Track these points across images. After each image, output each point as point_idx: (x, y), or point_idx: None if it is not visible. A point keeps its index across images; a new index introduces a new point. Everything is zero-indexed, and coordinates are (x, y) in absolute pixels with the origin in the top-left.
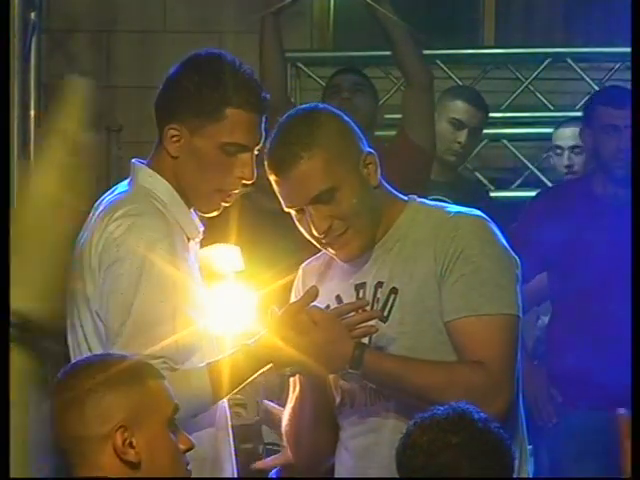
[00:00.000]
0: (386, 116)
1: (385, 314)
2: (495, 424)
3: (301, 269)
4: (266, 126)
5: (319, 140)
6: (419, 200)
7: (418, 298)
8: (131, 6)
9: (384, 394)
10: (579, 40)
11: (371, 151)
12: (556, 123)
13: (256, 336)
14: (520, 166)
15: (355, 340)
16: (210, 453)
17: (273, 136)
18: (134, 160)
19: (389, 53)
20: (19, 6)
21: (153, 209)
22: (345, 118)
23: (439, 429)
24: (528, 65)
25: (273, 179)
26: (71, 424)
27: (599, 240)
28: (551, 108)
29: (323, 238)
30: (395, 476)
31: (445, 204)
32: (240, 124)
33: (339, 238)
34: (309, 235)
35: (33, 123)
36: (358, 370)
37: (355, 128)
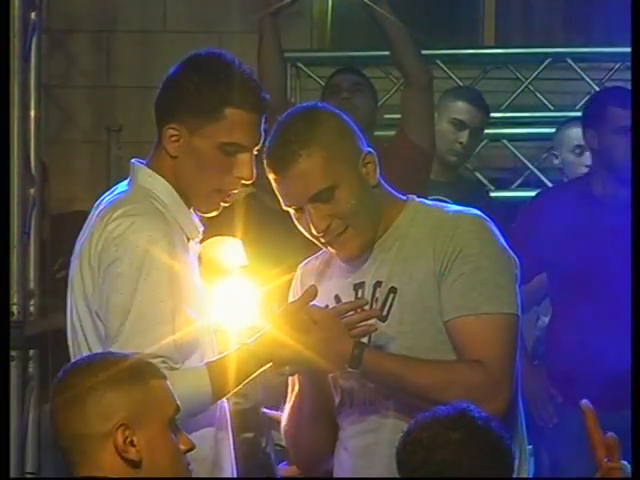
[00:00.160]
0: (386, 116)
1: (384, 313)
2: (496, 423)
3: (299, 269)
4: (265, 127)
5: (318, 138)
6: (418, 200)
7: (417, 297)
8: (131, 6)
9: (383, 393)
10: (579, 40)
11: (370, 150)
12: (556, 123)
13: (259, 332)
14: (520, 166)
15: (354, 339)
16: (210, 453)
17: (272, 134)
18: (134, 160)
19: (389, 53)
20: (19, 6)
21: (152, 209)
22: (344, 117)
23: (439, 426)
24: (528, 65)
25: (272, 177)
26: (72, 422)
27: (599, 240)
28: (551, 108)
29: (322, 237)
30: (394, 475)
31: (444, 204)
32: (239, 124)
33: (338, 237)
34: (308, 234)
35: (33, 123)
36: (357, 369)
37: (354, 127)
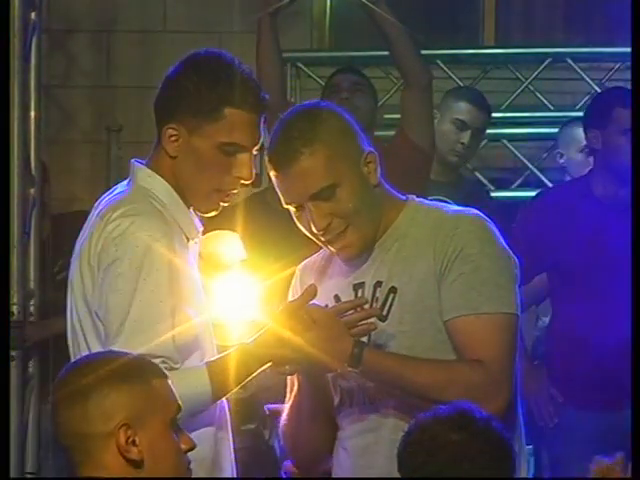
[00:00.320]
0: (386, 116)
1: (384, 313)
2: (497, 423)
3: (299, 268)
4: (264, 127)
5: (321, 136)
6: (418, 200)
7: (417, 297)
8: (131, 6)
9: (383, 393)
10: (579, 40)
11: (372, 150)
12: (556, 123)
13: (259, 326)
14: (520, 166)
15: (354, 338)
16: (210, 453)
17: (275, 132)
18: (133, 160)
19: (388, 53)
20: (19, 6)
21: (152, 209)
22: (347, 116)
23: (440, 427)
24: (528, 65)
25: (273, 174)
26: (74, 421)
27: (599, 240)
28: (551, 108)
29: (322, 235)
30: (394, 475)
31: (444, 204)
32: (239, 124)
33: (339, 237)
34: (308, 232)
35: (33, 123)
36: (357, 368)
37: (356, 126)
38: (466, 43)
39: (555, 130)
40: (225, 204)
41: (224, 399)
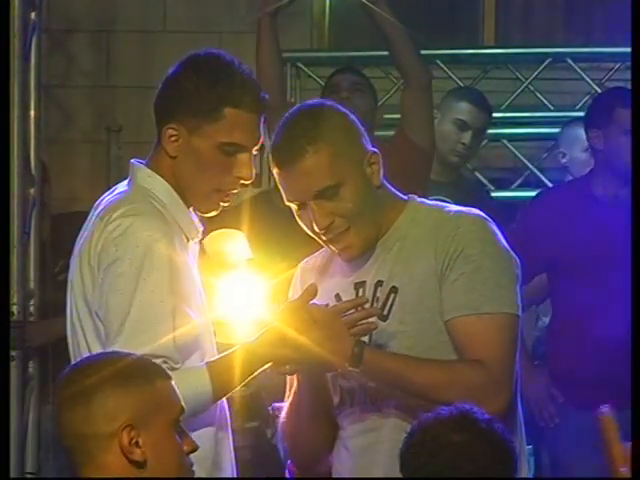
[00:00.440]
0: (386, 116)
1: (385, 313)
2: (499, 424)
3: (300, 266)
4: (264, 127)
5: (325, 135)
6: (419, 200)
7: (418, 297)
8: (131, 6)
9: (384, 392)
10: (579, 40)
11: (375, 151)
12: (556, 123)
13: (264, 326)
14: (520, 166)
15: (355, 338)
16: (210, 453)
17: (279, 129)
18: (133, 160)
19: (388, 53)
20: (19, 6)
21: (152, 209)
22: (351, 116)
23: (442, 428)
24: (528, 65)
25: (277, 172)
26: (77, 422)
27: (599, 240)
28: (551, 108)
29: (324, 234)
30: (395, 475)
31: (444, 204)
32: (239, 124)
33: (340, 237)
34: (310, 230)
35: (33, 123)
36: (357, 368)
37: (360, 126)
38: (466, 43)
39: (555, 130)
40: (225, 204)
41: (224, 399)
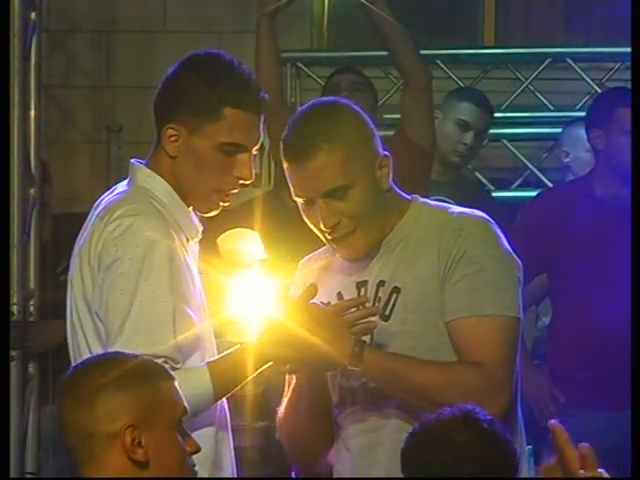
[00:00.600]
0: (386, 116)
1: (387, 313)
2: (501, 425)
3: (301, 263)
4: (264, 127)
5: (341, 135)
6: (422, 200)
7: (421, 298)
8: (131, 6)
9: (386, 393)
10: (579, 40)
11: (387, 154)
12: (556, 123)
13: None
14: (520, 166)
15: (355, 337)
16: (210, 454)
17: (292, 123)
18: (133, 160)
19: (388, 53)
20: (19, 6)
21: (152, 209)
22: (365, 117)
23: (444, 428)
24: (528, 65)
25: (287, 166)
26: (80, 421)
27: (600, 240)
28: (551, 108)
29: (329, 233)
30: (396, 476)
31: (448, 205)
32: (238, 124)
33: (345, 237)
34: (315, 227)
35: (33, 123)
36: (357, 367)
37: (374, 128)
38: (466, 43)
39: (555, 130)
40: (225, 204)
41: (224, 399)
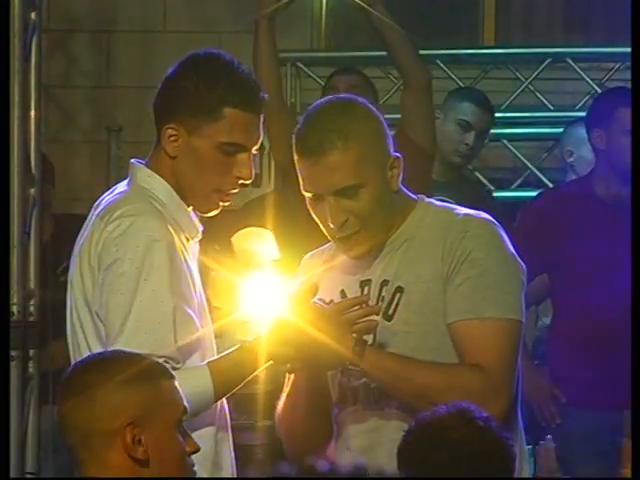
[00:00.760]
0: (386, 116)
1: (390, 313)
2: (496, 423)
3: (305, 259)
4: (264, 127)
5: (357, 133)
6: (427, 200)
7: (424, 298)
8: (131, 6)
9: (387, 393)
10: (579, 40)
11: (398, 155)
12: (556, 123)
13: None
14: (520, 166)
15: (356, 336)
16: (210, 454)
17: (307, 118)
18: (133, 160)
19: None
20: (19, 6)
21: (152, 209)
22: (381, 117)
23: (439, 425)
24: (528, 65)
25: (299, 160)
26: (81, 418)
27: (601, 240)
28: (551, 108)
29: (336, 231)
30: (397, 475)
31: (454, 206)
32: (238, 124)
33: (351, 236)
34: (321, 223)
35: (33, 123)
36: (358, 366)
37: (387, 128)
38: (466, 43)
39: (555, 130)
40: (225, 204)
41: (224, 399)
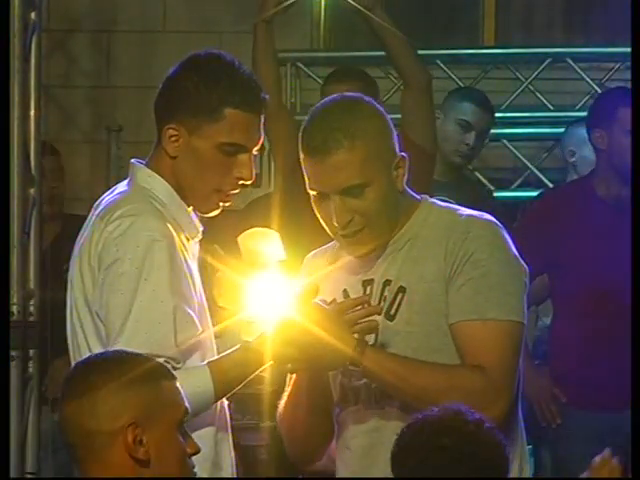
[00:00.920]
0: None
1: (392, 313)
2: (489, 425)
3: (307, 258)
4: (264, 128)
5: (363, 133)
6: (431, 200)
7: (427, 299)
8: (131, 6)
9: (388, 393)
10: (579, 40)
11: (404, 155)
12: (556, 123)
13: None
14: (520, 166)
15: (357, 337)
16: (210, 454)
17: (314, 116)
18: (133, 160)
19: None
20: (19, 6)
21: (152, 209)
22: (387, 117)
23: (431, 431)
24: (528, 65)
25: (305, 158)
26: (82, 418)
27: (601, 240)
28: (551, 108)
29: (340, 229)
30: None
31: (457, 206)
32: (239, 124)
33: (355, 235)
34: (325, 221)
35: (33, 123)
36: (359, 367)
37: (393, 128)
38: (466, 43)
39: (555, 130)
40: (225, 204)
41: (224, 400)
